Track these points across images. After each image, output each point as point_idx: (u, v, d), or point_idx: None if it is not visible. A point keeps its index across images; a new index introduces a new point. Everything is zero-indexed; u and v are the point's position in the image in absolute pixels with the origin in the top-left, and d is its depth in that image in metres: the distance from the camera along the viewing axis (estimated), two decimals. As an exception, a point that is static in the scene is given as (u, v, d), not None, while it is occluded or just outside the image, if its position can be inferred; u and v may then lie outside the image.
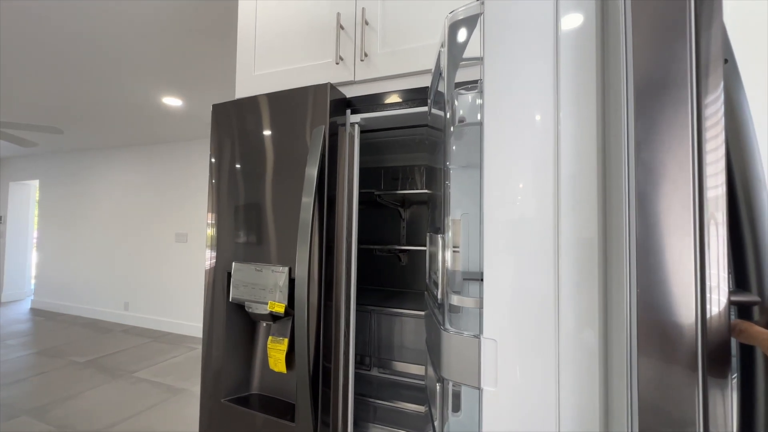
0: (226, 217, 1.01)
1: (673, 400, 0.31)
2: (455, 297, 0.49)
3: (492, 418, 0.40)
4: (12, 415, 2.34)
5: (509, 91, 0.43)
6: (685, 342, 0.31)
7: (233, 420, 0.96)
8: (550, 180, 0.41)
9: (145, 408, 2.45)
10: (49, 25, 1.94)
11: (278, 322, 0.98)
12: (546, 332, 0.39)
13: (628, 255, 0.34)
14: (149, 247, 4.45)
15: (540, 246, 0.41)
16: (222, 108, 1.05)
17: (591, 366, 0.38)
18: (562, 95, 0.41)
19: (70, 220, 5.07)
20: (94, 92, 2.90)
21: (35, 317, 4.75)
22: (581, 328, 0.39)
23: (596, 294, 0.39)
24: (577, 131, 0.40)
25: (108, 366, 3.18)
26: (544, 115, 0.41)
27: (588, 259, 0.39)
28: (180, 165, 4.35)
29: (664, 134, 0.33)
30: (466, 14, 0.50)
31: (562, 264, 0.40)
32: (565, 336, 0.39)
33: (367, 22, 0.99)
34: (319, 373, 0.87)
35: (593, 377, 0.38)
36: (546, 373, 0.39)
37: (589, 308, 0.39)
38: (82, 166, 5.05)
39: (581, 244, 0.40)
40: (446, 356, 0.47)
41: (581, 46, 0.41)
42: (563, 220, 0.40)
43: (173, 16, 1.84)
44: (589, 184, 0.40)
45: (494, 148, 0.43)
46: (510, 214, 0.43)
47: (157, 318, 4.34)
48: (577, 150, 0.40)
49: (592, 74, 0.40)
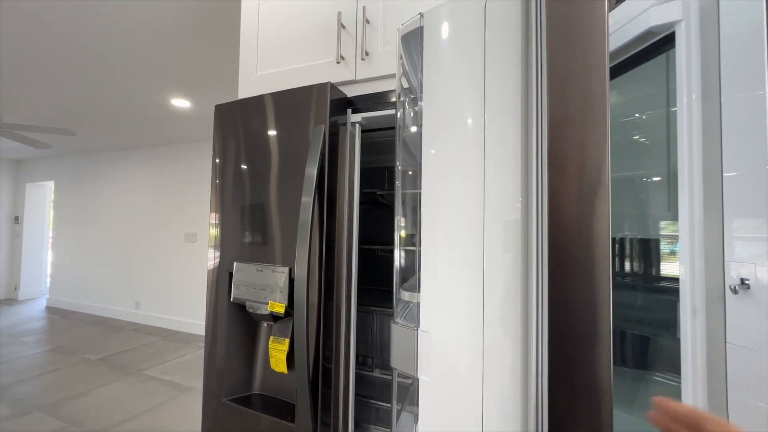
0: (230, 217, 1.02)
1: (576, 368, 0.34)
2: (404, 293, 0.52)
3: (427, 405, 0.42)
4: (26, 410, 2.40)
5: (444, 95, 0.45)
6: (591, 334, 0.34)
7: (235, 420, 0.96)
8: (479, 180, 0.43)
9: (154, 406, 2.49)
10: (60, 32, 1.99)
11: (279, 322, 0.98)
12: (473, 327, 0.41)
13: (540, 259, 0.36)
14: (159, 246, 4.52)
15: (468, 244, 0.43)
16: (224, 108, 1.05)
17: (514, 362, 0.39)
18: (488, 98, 0.43)
19: (84, 220, 5.18)
20: (105, 95, 2.95)
21: (50, 315, 4.86)
22: (505, 324, 0.40)
23: (519, 297, 0.40)
24: (501, 131, 0.42)
25: (119, 363, 3.24)
26: (473, 117, 0.44)
27: (513, 261, 0.40)
28: (189, 166, 4.41)
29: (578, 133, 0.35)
30: (411, 27, 0.53)
31: (488, 262, 0.42)
32: (489, 330, 0.40)
33: (368, 20, 0.98)
34: (319, 374, 0.87)
35: (516, 370, 0.39)
36: (473, 365, 0.40)
37: (513, 307, 0.40)
38: (94, 167, 5.16)
39: (505, 238, 0.42)
40: (394, 347, 0.50)
41: (506, 55, 0.43)
42: (489, 219, 0.42)
43: (180, 17, 1.86)
44: (513, 187, 0.41)
45: (430, 148, 0.46)
46: (442, 213, 0.45)
47: (166, 317, 4.40)
48: (504, 151, 0.42)
49: (517, 80, 0.42)
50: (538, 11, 0.37)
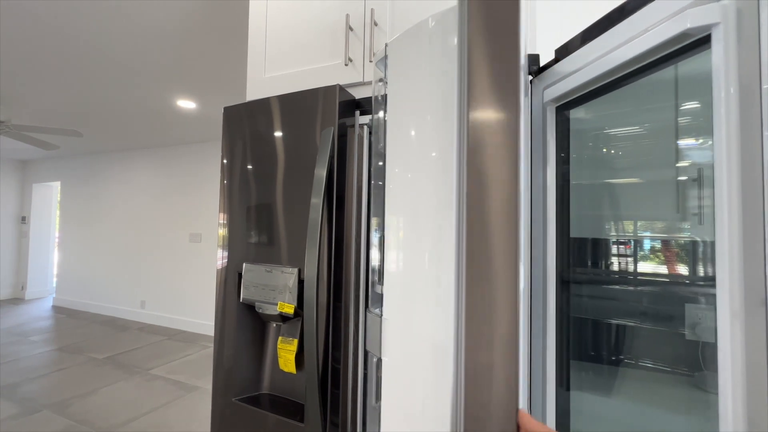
0: (238, 218, 1.02)
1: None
2: (378, 286, 0.59)
3: (386, 382, 0.49)
4: (35, 409, 2.42)
5: (402, 106, 0.54)
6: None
7: (244, 419, 0.97)
8: (430, 181, 0.48)
9: (160, 405, 2.51)
10: (67, 33, 2.01)
11: (288, 322, 0.98)
12: (421, 317, 0.47)
13: (461, 257, 0.43)
14: (164, 246, 4.55)
15: (420, 238, 0.48)
16: (233, 110, 1.06)
17: (447, 345, 0.45)
18: (435, 108, 0.50)
19: (90, 220, 5.23)
20: (112, 96, 2.98)
21: (57, 314, 4.91)
22: (446, 314, 0.45)
23: (453, 290, 0.45)
24: (444, 137, 0.48)
25: (125, 363, 3.26)
26: (422, 124, 0.51)
27: (447, 259, 0.45)
28: (193, 166, 4.44)
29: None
30: (382, 55, 0.67)
31: (433, 255, 0.47)
32: (432, 318, 0.46)
33: (375, 23, 0.99)
34: (328, 374, 0.87)
35: (449, 353, 0.45)
36: (420, 349, 0.46)
37: (447, 296, 0.46)
38: (100, 167, 5.20)
39: (439, 237, 0.47)
40: (368, 332, 0.58)
41: (448, 75, 0.49)
42: (430, 222, 0.48)
43: (186, 18, 1.87)
44: (449, 191, 0.47)
45: (392, 150, 0.53)
46: (401, 209, 0.51)
47: (171, 316, 4.43)
48: (442, 154, 0.48)
49: (455, 95, 0.48)
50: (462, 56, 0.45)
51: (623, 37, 0.52)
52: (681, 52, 0.48)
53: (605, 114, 0.82)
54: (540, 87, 0.72)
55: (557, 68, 0.65)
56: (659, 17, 0.47)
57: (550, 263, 0.70)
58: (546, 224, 0.71)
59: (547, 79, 0.69)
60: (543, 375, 0.70)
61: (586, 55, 0.59)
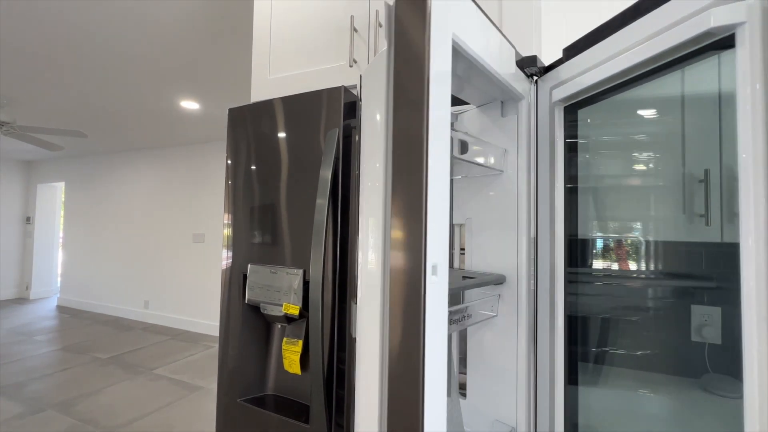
0: (242, 218, 1.03)
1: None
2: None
3: (360, 357, 0.57)
4: (39, 408, 2.44)
5: (371, 117, 0.60)
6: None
7: (249, 420, 0.97)
8: (381, 182, 0.55)
9: (164, 405, 2.52)
10: (72, 34, 2.02)
11: (292, 323, 0.99)
12: (377, 303, 0.54)
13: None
14: (168, 246, 4.57)
15: (376, 233, 0.56)
16: (238, 112, 1.06)
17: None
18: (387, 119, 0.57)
19: (94, 221, 5.25)
20: (116, 97, 2.99)
21: (61, 314, 4.94)
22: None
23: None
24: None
25: (129, 363, 3.28)
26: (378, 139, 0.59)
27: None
28: (196, 166, 4.45)
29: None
30: (358, 81, 0.75)
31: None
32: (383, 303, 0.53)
33: (380, 24, 0.99)
34: (333, 375, 0.87)
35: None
36: (382, 329, 0.53)
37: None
38: (104, 168, 5.23)
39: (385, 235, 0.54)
40: (353, 319, 0.66)
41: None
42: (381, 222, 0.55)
43: (191, 20, 1.88)
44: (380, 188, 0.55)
45: (365, 153, 0.60)
46: (369, 208, 0.58)
47: (175, 316, 4.45)
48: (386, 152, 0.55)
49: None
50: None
51: (638, 37, 0.52)
52: (698, 53, 0.48)
53: (614, 115, 0.82)
54: (546, 87, 0.72)
55: (566, 68, 0.65)
56: (678, 17, 0.47)
57: (558, 263, 0.69)
58: (554, 224, 0.70)
59: (555, 78, 0.69)
60: (551, 372, 0.70)
61: (597, 55, 0.58)
